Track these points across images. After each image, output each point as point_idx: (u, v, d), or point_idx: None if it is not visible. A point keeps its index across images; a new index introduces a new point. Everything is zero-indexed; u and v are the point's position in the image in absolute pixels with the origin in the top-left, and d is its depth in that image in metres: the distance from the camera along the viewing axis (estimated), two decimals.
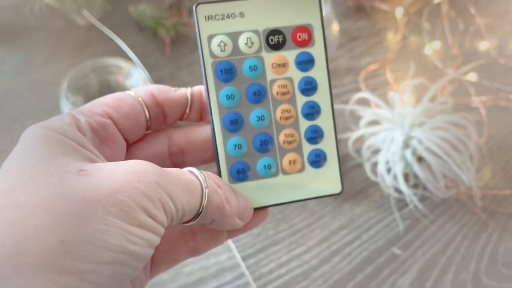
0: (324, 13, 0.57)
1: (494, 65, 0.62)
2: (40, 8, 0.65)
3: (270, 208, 0.27)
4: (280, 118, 0.26)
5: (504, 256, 0.45)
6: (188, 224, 0.22)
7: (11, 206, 0.17)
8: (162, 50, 0.64)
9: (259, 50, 0.26)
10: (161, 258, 0.25)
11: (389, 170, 0.47)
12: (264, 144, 0.26)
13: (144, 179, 0.19)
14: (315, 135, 0.27)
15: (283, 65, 0.26)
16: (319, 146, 0.27)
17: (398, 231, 0.47)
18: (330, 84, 0.27)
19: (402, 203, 0.49)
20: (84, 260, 0.17)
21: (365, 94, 0.50)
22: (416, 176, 0.48)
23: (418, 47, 0.65)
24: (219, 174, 0.26)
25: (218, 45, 0.25)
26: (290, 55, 0.26)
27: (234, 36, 0.26)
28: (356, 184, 0.51)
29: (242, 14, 0.26)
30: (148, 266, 0.24)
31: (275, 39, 0.26)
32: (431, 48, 0.63)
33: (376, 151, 0.50)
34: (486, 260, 0.45)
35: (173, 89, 0.26)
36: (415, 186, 0.49)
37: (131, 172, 0.19)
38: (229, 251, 0.45)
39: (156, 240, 0.19)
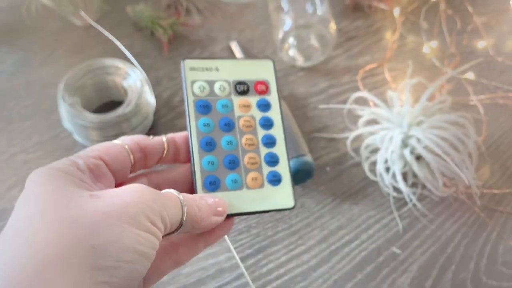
0: (320, 13, 0.56)
1: (492, 63, 0.62)
2: (36, 9, 0.64)
3: (234, 218, 0.32)
4: (245, 144, 0.34)
5: (504, 255, 0.45)
6: (175, 233, 0.27)
7: (46, 223, 0.22)
8: (159, 50, 0.63)
9: (229, 94, 0.35)
10: (152, 271, 0.29)
11: (387, 169, 0.47)
12: (232, 163, 0.33)
13: (144, 197, 0.25)
14: (272, 159, 0.34)
15: (247, 106, 0.35)
16: (275, 168, 0.34)
17: (397, 231, 0.47)
18: (283, 122, 0.35)
19: (401, 202, 0.49)
20: (111, 259, 0.22)
21: (363, 93, 0.50)
22: (415, 175, 0.48)
23: (416, 46, 0.65)
24: (195, 185, 0.31)
25: (199, 88, 0.34)
26: (252, 99, 0.35)
27: (211, 83, 0.34)
28: (355, 183, 0.51)
29: (217, 69, 0.35)
30: (142, 280, 0.28)
31: (241, 88, 0.35)
32: (429, 47, 0.63)
33: (375, 150, 0.50)
34: (486, 259, 0.45)
35: (150, 137, 0.31)
36: (414, 185, 0.49)
37: (133, 192, 0.25)
38: (228, 252, 0.45)
39: (157, 243, 0.24)
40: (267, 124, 0.35)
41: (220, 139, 0.34)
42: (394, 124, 0.48)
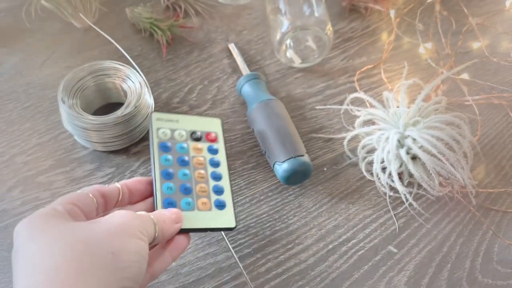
0: (317, 15, 0.57)
1: (487, 63, 0.63)
2: (36, 10, 0.65)
3: (190, 234, 0.41)
4: (197, 177, 0.44)
5: (499, 254, 0.46)
6: (152, 243, 0.36)
7: (67, 245, 0.30)
8: (158, 52, 0.64)
9: (186, 139, 0.46)
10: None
11: (384, 169, 0.48)
12: (186, 190, 0.42)
13: (130, 217, 0.33)
14: (218, 190, 0.44)
15: (200, 149, 0.46)
16: (221, 197, 0.44)
17: (394, 230, 0.48)
18: (227, 163, 0.46)
19: (397, 202, 0.49)
20: (125, 261, 0.31)
21: (359, 94, 0.51)
22: (411, 175, 0.48)
23: (412, 47, 0.65)
24: (156, 206, 0.40)
25: (162, 133, 0.45)
26: (204, 145, 0.46)
27: (172, 130, 0.45)
28: (352, 183, 0.51)
29: (178, 121, 0.46)
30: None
31: (196, 136, 0.46)
32: (425, 48, 0.64)
33: (371, 150, 0.50)
34: (481, 257, 0.46)
35: (106, 185, 0.38)
36: (410, 184, 0.50)
37: (122, 215, 0.33)
38: (227, 251, 0.46)
39: (147, 249, 0.34)
40: (215, 163, 0.45)
41: (177, 171, 0.43)
42: (390, 124, 0.48)
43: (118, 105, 0.55)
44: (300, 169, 0.47)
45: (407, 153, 0.46)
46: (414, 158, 0.47)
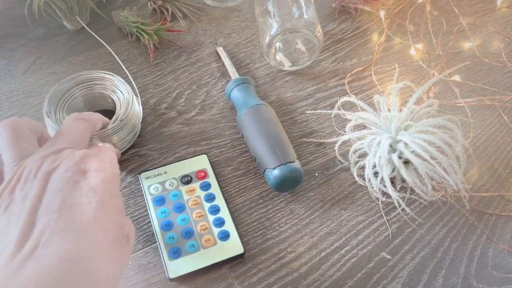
0: (307, 17, 0.56)
1: (479, 64, 0.62)
2: (19, 16, 0.63)
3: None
4: (196, 217, 0.46)
5: (494, 259, 0.45)
6: None
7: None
8: (146, 56, 0.63)
9: (178, 186, 0.48)
10: None
11: (376, 174, 0.47)
12: (188, 233, 0.45)
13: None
14: (219, 222, 0.46)
15: (193, 190, 0.48)
16: (223, 228, 0.45)
17: (387, 235, 0.47)
18: (223, 194, 0.48)
19: (390, 207, 0.49)
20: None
21: (350, 98, 0.50)
22: (403, 180, 0.48)
23: (403, 48, 0.64)
24: (162, 256, 0.43)
25: (154, 189, 0.48)
26: (196, 185, 0.49)
27: (162, 183, 0.49)
28: (344, 188, 0.51)
29: (165, 172, 0.50)
30: None
31: (186, 179, 0.49)
32: (416, 49, 0.63)
33: (363, 155, 0.50)
34: (476, 262, 0.45)
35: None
36: (403, 189, 0.49)
37: None
38: None
39: None
40: (210, 198, 0.47)
41: (175, 219, 0.46)
42: (382, 129, 0.48)
43: (106, 112, 0.54)
44: (291, 176, 0.46)
45: (399, 157, 0.46)
46: (406, 162, 0.47)
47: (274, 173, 0.46)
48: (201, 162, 0.51)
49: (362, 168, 0.49)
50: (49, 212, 0.29)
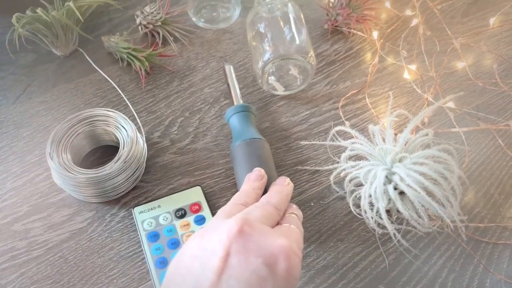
0: (299, 42, 0.55)
1: (472, 85, 0.62)
2: (9, 41, 0.62)
3: None
4: None
5: None
6: None
7: None
8: (137, 83, 0.62)
9: (172, 220, 0.48)
10: None
11: (372, 205, 0.47)
12: None
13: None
14: None
15: (187, 225, 0.47)
16: None
17: (384, 267, 0.47)
18: None
19: (387, 237, 0.48)
20: None
21: (344, 127, 0.50)
22: (399, 211, 0.47)
23: (396, 69, 0.64)
24: None
25: (147, 224, 0.48)
26: (190, 219, 0.48)
27: (156, 217, 0.48)
28: (340, 218, 0.50)
29: (159, 206, 0.49)
30: None
31: (180, 213, 0.48)
32: (409, 71, 0.63)
33: (359, 184, 0.49)
34: None
35: None
36: (399, 220, 0.49)
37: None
38: None
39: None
40: None
41: (170, 255, 0.45)
42: (377, 160, 0.47)
43: (109, 148, 0.53)
44: None
45: (395, 188, 0.45)
46: (402, 192, 0.46)
47: None
48: (195, 195, 0.50)
49: (358, 197, 0.49)
50: None
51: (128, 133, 0.50)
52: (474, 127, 0.56)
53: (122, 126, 0.51)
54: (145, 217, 0.48)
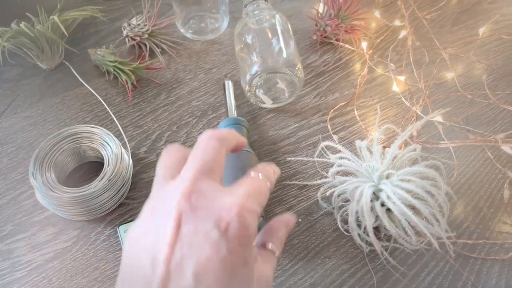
0: (286, 56, 0.55)
1: (462, 96, 0.62)
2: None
3: None
4: None
5: None
6: None
7: None
8: (124, 96, 0.61)
9: None
10: None
11: (359, 221, 0.46)
12: None
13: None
14: None
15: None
16: None
17: (372, 285, 0.46)
18: None
19: (374, 254, 0.48)
20: None
21: (331, 143, 0.49)
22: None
23: (385, 80, 0.64)
24: None
25: None
26: None
27: None
28: (328, 234, 0.50)
29: None
30: None
31: None
32: (398, 82, 0.63)
33: (347, 199, 0.49)
34: None
35: None
36: (387, 236, 0.48)
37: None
38: None
39: None
40: None
41: None
42: (364, 176, 0.47)
43: (95, 164, 0.53)
44: None
45: (382, 205, 0.45)
46: (390, 209, 0.46)
47: None
48: None
49: (346, 213, 0.48)
50: None
51: (113, 150, 0.50)
52: (463, 140, 0.55)
53: (107, 143, 0.50)
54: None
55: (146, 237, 0.29)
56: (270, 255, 0.34)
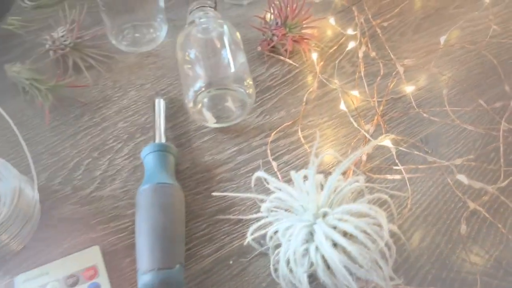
0: (234, 70, 0.51)
1: (419, 114, 0.56)
2: None
3: None
4: None
5: None
6: None
7: None
8: (42, 119, 0.54)
9: None
10: None
11: (291, 269, 0.40)
12: None
13: None
14: None
15: None
16: None
17: None
18: None
19: None
20: None
21: (262, 173, 0.43)
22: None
23: (338, 96, 0.57)
24: None
25: None
26: (83, 287, 0.41)
27: (42, 287, 0.41)
28: (262, 279, 0.43)
29: (47, 273, 0.42)
30: None
31: (71, 281, 0.41)
32: (348, 98, 0.56)
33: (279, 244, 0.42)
34: None
35: None
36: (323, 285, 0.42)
37: None
38: None
39: None
40: None
41: None
42: (299, 213, 0.40)
43: None
44: (163, 286, 0.39)
45: (317, 251, 0.38)
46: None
47: (143, 279, 0.39)
48: (91, 257, 0.43)
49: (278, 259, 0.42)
50: None
51: (10, 185, 0.43)
52: (416, 165, 0.49)
53: (3, 176, 0.43)
54: (30, 286, 0.41)
55: None
56: None
